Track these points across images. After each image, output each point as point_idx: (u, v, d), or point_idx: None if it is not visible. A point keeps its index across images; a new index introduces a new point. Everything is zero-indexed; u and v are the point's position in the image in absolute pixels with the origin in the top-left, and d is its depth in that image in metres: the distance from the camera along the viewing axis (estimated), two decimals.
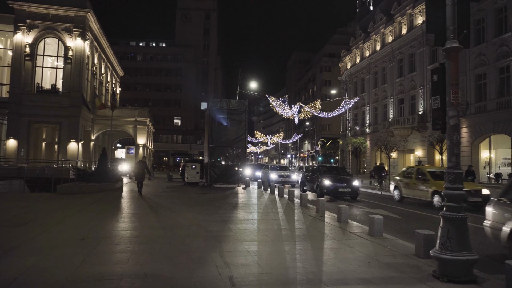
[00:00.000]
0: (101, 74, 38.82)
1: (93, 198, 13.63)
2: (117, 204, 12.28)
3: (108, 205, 12.05)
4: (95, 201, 12.87)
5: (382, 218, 7.73)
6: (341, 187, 16.29)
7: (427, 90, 34.00)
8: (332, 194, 16.36)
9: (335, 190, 16.20)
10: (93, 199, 13.18)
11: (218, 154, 21.46)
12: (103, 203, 12.54)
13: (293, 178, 26.70)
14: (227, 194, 16.57)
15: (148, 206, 12.00)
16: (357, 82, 50.23)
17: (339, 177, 17.43)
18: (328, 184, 16.25)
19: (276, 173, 26.63)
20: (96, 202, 12.55)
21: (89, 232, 7.57)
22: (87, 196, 14.24)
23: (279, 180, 24.95)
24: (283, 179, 25.41)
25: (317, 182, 17.06)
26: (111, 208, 11.34)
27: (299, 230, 8.32)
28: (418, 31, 35.23)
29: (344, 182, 16.74)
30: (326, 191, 16.29)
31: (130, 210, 11.07)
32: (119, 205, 11.93)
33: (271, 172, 26.89)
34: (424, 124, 34.04)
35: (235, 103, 21.26)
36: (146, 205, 12.14)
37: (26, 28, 29.49)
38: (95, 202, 12.53)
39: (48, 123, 30.76)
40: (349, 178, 17.54)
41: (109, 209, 11.01)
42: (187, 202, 13.38)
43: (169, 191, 17.61)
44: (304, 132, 75.29)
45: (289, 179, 26.07)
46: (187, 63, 76.22)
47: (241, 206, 12.23)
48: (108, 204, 12.34)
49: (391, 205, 15.16)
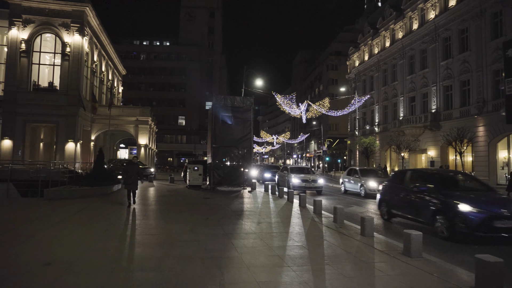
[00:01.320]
0: (102, 72, 37.57)
1: (83, 204, 12.27)
2: (106, 212, 10.81)
3: (96, 213, 10.58)
4: (83, 208, 11.48)
5: (421, 235, 6.26)
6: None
7: (440, 87, 32.39)
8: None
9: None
10: (81, 206, 11.81)
11: (222, 155, 20.00)
12: (91, 211, 11.12)
13: (319, 183, 20.34)
14: (231, 199, 15.13)
15: (142, 215, 10.57)
16: (365, 80, 48.63)
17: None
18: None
19: (299, 177, 20.25)
20: (84, 210, 11.15)
21: (60, 253, 6.14)
22: (76, 202, 12.89)
23: (303, 185, 19.68)
24: (307, 184, 19.75)
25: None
26: (98, 217, 9.90)
27: (318, 248, 6.89)
28: (431, 25, 33.60)
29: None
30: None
31: (119, 220, 9.64)
32: (108, 214, 10.47)
33: (293, 176, 20.38)
34: (437, 122, 32.42)
35: (240, 100, 19.68)
36: (140, 214, 10.72)
37: (21, 23, 28.30)
38: (83, 210, 11.13)
39: (45, 122, 29.53)
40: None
41: (96, 219, 9.60)
42: (186, 209, 11.94)
43: (168, 196, 16.18)
44: (310, 131, 73.67)
45: (315, 184, 19.97)
46: (191, 62, 74.95)
47: (248, 215, 10.77)
48: (97, 212, 10.88)
49: None
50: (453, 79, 30.84)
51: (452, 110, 30.91)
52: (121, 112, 35.26)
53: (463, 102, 29.89)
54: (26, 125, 28.43)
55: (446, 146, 32.53)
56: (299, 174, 20.71)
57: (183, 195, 16.86)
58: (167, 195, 16.35)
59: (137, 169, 11.58)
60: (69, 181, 15.39)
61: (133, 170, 11.52)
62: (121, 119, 34.81)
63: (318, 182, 20.08)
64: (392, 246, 6.91)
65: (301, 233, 8.19)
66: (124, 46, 74.77)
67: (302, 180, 19.79)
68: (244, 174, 19.70)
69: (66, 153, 28.30)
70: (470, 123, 27.40)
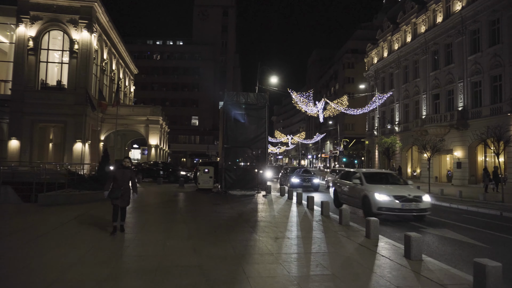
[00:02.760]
0: (112, 71, 36.61)
1: (78, 211, 10.97)
2: (100, 223, 9.35)
3: (87, 224, 9.10)
4: (76, 216, 10.13)
5: (501, 266, 4.67)
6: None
7: (468, 83, 30.30)
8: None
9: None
10: (75, 214, 10.49)
11: (234, 156, 18.50)
12: (84, 221, 9.65)
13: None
14: (244, 205, 13.64)
15: (139, 226, 9.11)
16: (384, 77, 46.56)
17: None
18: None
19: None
20: (76, 220, 9.75)
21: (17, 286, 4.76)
22: (73, 208, 11.63)
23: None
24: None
25: None
26: (87, 230, 8.43)
27: (354, 277, 5.37)
28: (457, 18, 31.51)
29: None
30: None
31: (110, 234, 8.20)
32: (101, 224, 9.08)
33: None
34: (464, 121, 30.35)
35: (253, 97, 18.05)
36: (137, 225, 9.27)
37: (29, 20, 27.45)
38: (75, 219, 9.75)
39: (53, 122, 28.62)
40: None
41: (84, 233, 8.17)
42: (192, 218, 10.50)
43: (174, 201, 14.79)
44: (326, 131, 71.75)
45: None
46: (204, 62, 73.92)
47: (263, 227, 9.24)
48: (89, 222, 9.40)
49: None
50: (483, 74, 28.74)
51: (482, 108, 28.81)
52: (131, 112, 34.18)
53: (493, 99, 27.79)
54: (33, 125, 27.59)
55: (474, 146, 30.44)
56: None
57: (191, 200, 15.46)
58: (173, 200, 14.96)
59: (129, 175, 8.26)
60: (69, 184, 14.17)
61: (124, 177, 8.12)
62: (131, 118, 33.72)
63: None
64: None
65: (329, 254, 6.65)
66: (137, 46, 74.24)
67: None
68: (258, 177, 18.14)
69: (74, 154, 27.33)
70: (503, 121, 25.29)
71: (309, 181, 23.96)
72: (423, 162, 37.48)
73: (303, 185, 23.44)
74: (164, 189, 20.10)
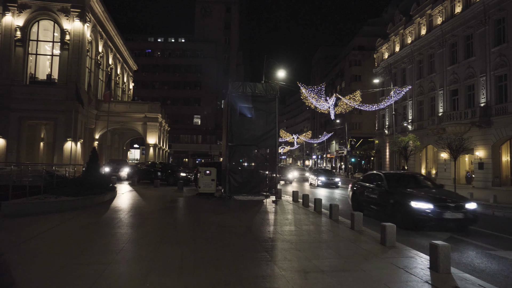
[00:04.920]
0: (109, 65, 34.45)
1: (45, 225, 8.67)
2: (65, 245, 6.86)
3: (49, 244, 6.77)
4: (40, 233, 7.83)
5: None
6: None
7: (491, 77, 27.96)
8: None
9: None
10: (41, 229, 8.18)
11: (239, 156, 16.27)
12: (46, 239, 7.30)
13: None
14: (253, 215, 11.36)
15: (117, 249, 6.50)
16: (396, 73, 44.21)
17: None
18: None
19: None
20: (40, 237, 7.48)
21: None
22: (42, 220, 9.41)
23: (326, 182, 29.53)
24: None
25: None
26: (44, 257, 6.01)
27: None
28: (478, 7, 29.17)
29: None
30: None
31: (80, 259, 5.95)
32: (68, 247, 6.67)
33: None
34: (487, 118, 28.03)
35: (262, 87, 15.68)
36: (114, 246, 6.73)
37: (16, 8, 25.37)
38: (38, 237, 7.48)
39: (42, 119, 26.50)
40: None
41: (39, 261, 5.95)
42: (189, 235, 8.11)
43: (170, 209, 12.45)
44: (334, 130, 69.37)
45: None
46: (207, 59, 71.84)
47: (282, 250, 6.85)
48: (49, 244, 6.89)
49: None
50: (508, 67, 26.41)
51: (507, 104, 26.48)
52: (128, 108, 32.00)
53: None
54: (21, 122, 25.49)
55: (498, 145, 28.10)
56: None
57: (190, 207, 13.17)
58: (168, 208, 12.57)
59: None
60: (46, 189, 11.96)
61: None
62: (128, 115, 31.54)
63: None
64: None
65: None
66: (138, 43, 72.25)
67: None
68: (267, 180, 15.84)
69: (65, 154, 25.19)
70: None
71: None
72: (439, 163, 35.14)
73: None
74: (160, 194, 17.80)
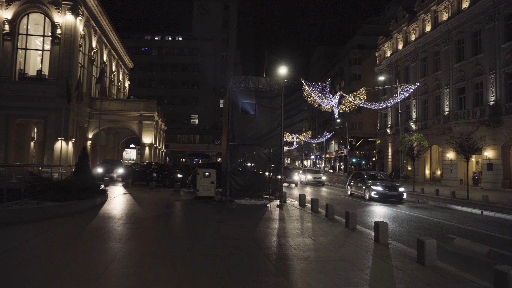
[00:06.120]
0: (103, 62, 33.13)
1: (19, 237, 7.38)
2: (38, 263, 5.73)
3: (10, 270, 5.28)
4: (10, 248, 6.58)
5: None
6: None
7: (501, 74, 26.89)
8: None
9: None
10: (14, 243, 6.91)
11: (241, 156, 15.08)
12: (11, 260, 5.80)
13: None
14: (259, 222, 10.12)
15: (96, 272, 5.24)
16: (399, 71, 42.89)
17: None
18: None
19: None
20: (10, 253, 6.30)
21: None
22: (18, 230, 8.13)
23: None
24: None
25: None
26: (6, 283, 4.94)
27: None
28: (488, 1, 28.09)
29: None
30: None
31: None
32: (34, 272, 5.25)
33: None
34: (497, 117, 26.99)
35: (266, 82, 14.37)
36: (93, 269, 5.58)
37: (5, 1, 24.02)
38: (4, 254, 6.27)
39: (32, 117, 25.19)
40: None
41: None
42: (185, 251, 6.65)
43: (166, 216, 11.09)
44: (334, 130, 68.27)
45: None
46: (204, 58, 70.65)
47: (300, 271, 5.50)
48: (18, 263, 5.62)
49: None
50: None
51: None
52: (122, 107, 30.68)
53: None
54: (9, 120, 24.16)
55: (509, 145, 27.04)
56: None
57: (187, 214, 11.88)
58: (162, 215, 11.14)
59: None
60: (26, 193, 10.70)
61: None
62: (123, 114, 30.24)
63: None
64: None
65: None
66: (134, 41, 70.88)
67: None
68: (271, 182, 14.62)
69: (56, 154, 23.88)
70: None
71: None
72: (445, 163, 34.06)
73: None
74: (155, 197, 16.49)
